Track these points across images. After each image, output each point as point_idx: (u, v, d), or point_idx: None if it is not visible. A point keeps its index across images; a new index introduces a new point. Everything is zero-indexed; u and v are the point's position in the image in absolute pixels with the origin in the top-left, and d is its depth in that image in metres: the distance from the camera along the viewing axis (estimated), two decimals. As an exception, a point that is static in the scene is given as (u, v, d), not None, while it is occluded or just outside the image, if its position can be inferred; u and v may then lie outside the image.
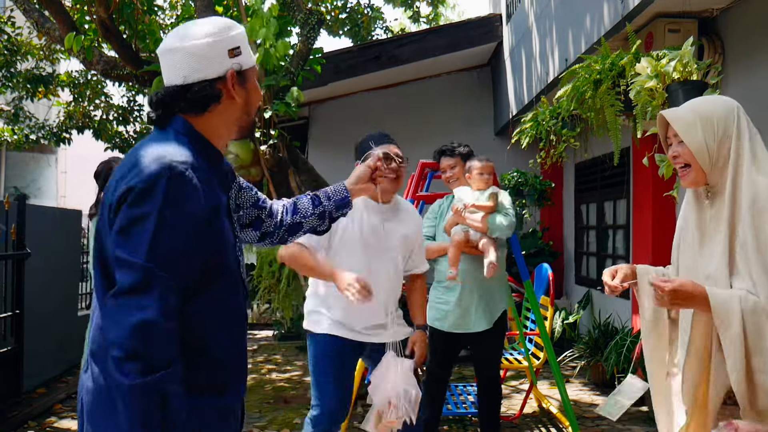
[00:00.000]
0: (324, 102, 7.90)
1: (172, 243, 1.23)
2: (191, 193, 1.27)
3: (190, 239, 1.27)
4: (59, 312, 5.43)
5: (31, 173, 12.52)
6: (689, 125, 1.68)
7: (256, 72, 1.50)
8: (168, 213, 1.23)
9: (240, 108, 1.44)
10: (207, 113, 1.40)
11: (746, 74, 3.80)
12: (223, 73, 1.39)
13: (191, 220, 1.27)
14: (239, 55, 1.41)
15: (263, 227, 1.70)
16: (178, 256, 1.24)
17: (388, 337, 2.62)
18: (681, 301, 1.61)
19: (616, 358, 4.54)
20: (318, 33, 4.86)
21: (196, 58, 1.36)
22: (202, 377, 1.33)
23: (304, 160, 5.33)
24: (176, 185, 1.25)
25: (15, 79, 7.66)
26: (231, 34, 1.41)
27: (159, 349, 1.18)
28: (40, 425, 4.27)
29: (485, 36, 7.51)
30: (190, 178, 1.27)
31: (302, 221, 1.74)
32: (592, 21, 4.48)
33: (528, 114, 3.97)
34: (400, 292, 2.79)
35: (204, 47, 1.36)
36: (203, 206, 1.30)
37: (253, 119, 1.53)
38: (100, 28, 4.92)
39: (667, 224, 4.78)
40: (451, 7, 16.17)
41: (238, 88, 1.42)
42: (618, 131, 2.86)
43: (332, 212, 1.77)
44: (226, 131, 1.46)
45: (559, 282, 7.25)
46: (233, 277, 1.41)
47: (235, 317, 1.42)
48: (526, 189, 5.72)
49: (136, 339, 1.16)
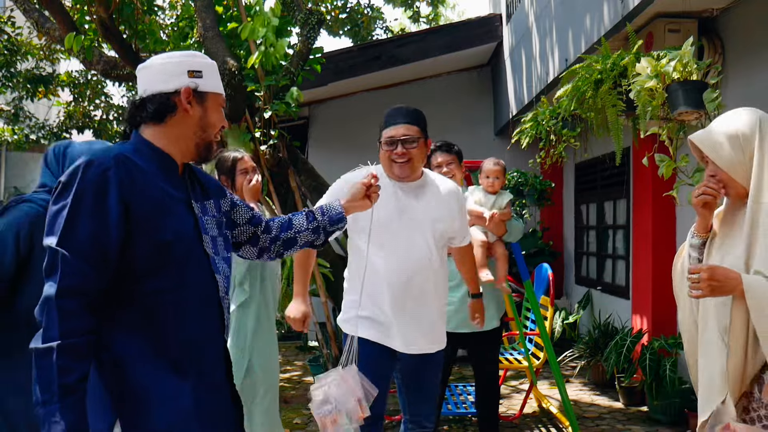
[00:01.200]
0: (324, 102, 7.89)
1: (84, 229, 1.39)
2: (108, 187, 1.42)
3: (104, 227, 1.41)
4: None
5: (31, 173, 12.51)
6: (716, 145, 1.75)
7: (219, 100, 1.64)
8: (82, 204, 1.40)
9: (195, 123, 1.59)
10: (165, 124, 1.57)
11: (746, 74, 3.80)
12: (179, 88, 1.55)
13: (106, 211, 1.41)
14: (199, 77, 1.58)
15: (259, 243, 1.85)
16: (90, 242, 1.39)
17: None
18: (716, 283, 1.66)
19: (616, 358, 4.54)
20: (318, 33, 4.86)
21: (156, 74, 1.57)
22: (150, 350, 1.48)
23: (304, 160, 5.33)
24: (92, 179, 1.41)
25: (15, 79, 7.67)
26: (196, 60, 1.60)
27: (53, 323, 1.34)
28: (40, 425, 4.27)
29: (485, 36, 7.51)
30: (109, 174, 1.43)
31: (296, 236, 1.86)
32: (592, 21, 4.48)
33: (528, 114, 3.96)
34: (446, 281, 2.60)
35: (165, 65, 1.57)
36: (131, 199, 1.44)
37: (211, 142, 1.64)
38: (100, 28, 4.92)
39: (667, 224, 4.78)
40: (451, 7, 16.19)
41: (195, 104, 1.57)
42: (619, 131, 2.86)
43: (326, 227, 1.88)
44: (184, 144, 1.60)
45: (559, 282, 7.25)
46: (187, 267, 1.53)
47: (190, 305, 1.53)
48: (526, 189, 5.71)
49: (39, 311, 1.36)
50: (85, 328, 1.38)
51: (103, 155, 1.46)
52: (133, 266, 1.46)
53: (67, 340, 1.34)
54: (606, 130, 2.95)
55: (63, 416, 1.31)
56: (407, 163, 2.40)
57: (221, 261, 1.65)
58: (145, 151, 1.55)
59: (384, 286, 2.41)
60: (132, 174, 1.47)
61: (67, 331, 1.34)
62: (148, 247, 1.47)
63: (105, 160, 1.45)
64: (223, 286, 1.64)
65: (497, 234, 3.38)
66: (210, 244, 1.62)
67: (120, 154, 1.49)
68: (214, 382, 1.60)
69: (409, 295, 2.42)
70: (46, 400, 1.32)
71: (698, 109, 2.47)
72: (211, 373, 1.59)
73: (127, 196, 1.44)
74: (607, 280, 6.13)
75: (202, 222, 1.62)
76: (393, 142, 2.38)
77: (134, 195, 1.45)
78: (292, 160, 5.01)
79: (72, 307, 1.36)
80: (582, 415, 4.49)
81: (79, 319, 1.37)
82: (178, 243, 1.52)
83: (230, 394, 1.67)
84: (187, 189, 1.62)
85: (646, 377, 4.28)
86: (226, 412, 1.65)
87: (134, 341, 1.47)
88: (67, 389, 1.33)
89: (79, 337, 1.36)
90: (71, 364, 1.34)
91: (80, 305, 1.37)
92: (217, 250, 1.65)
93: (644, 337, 4.69)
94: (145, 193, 1.48)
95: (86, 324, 1.38)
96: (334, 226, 1.90)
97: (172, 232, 1.51)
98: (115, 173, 1.43)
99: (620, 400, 4.79)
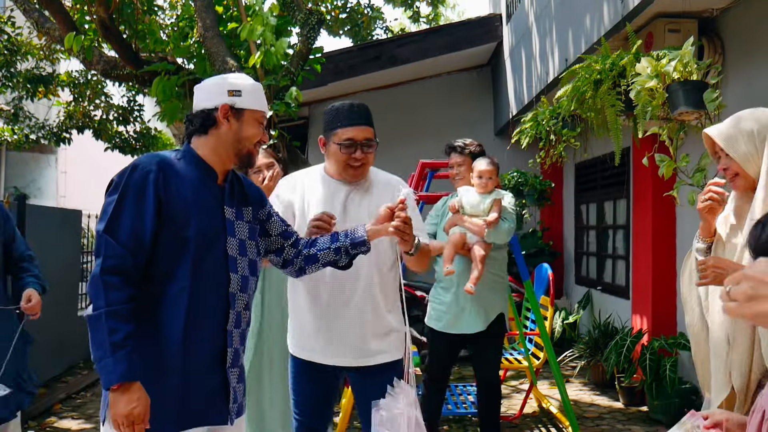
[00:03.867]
0: (324, 102, 7.89)
1: (125, 221, 1.68)
2: (147, 187, 1.69)
3: (141, 220, 1.68)
4: (59, 312, 5.43)
5: (31, 173, 12.51)
6: (731, 139, 1.84)
7: (257, 116, 1.86)
8: (126, 200, 1.69)
9: (233, 135, 1.83)
10: (208, 136, 1.84)
11: (746, 74, 3.80)
12: (219, 104, 1.81)
13: (143, 207, 1.69)
14: (238, 96, 1.83)
15: (284, 254, 2.05)
16: (129, 231, 1.67)
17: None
18: (722, 270, 1.73)
19: (616, 358, 4.54)
20: (318, 33, 4.85)
21: (203, 93, 1.86)
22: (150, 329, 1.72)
23: (304, 160, 5.33)
24: (136, 181, 1.70)
25: (15, 79, 7.65)
26: (237, 81, 1.85)
27: (97, 295, 1.63)
28: (40, 425, 4.27)
29: (485, 36, 7.51)
30: (150, 176, 1.70)
31: (317, 253, 2.02)
32: (592, 21, 4.48)
33: (528, 114, 3.97)
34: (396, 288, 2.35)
35: (210, 86, 1.86)
36: (165, 198, 1.71)
37: (250, 153, 1.88)
38: (100, 28, 4.92)
39: (667, 224, 4.78)
40: (451, 7, 16.18)
41: (232, 119, 1.82)
42: (619, 131, 2.86)
43: (348, 249, 2.02)
44: (224, 153, 1.85)
45: (559, 282, 7.25)
46: (203, 262, 1.75)
47: (198, 295, 1.74)
48: (526, 189, 5.71)
49: (89, 286, 1.67)
50: (125, 298, 1.65)
51: (149, 160, 1.75)
52: (157, 253, 1.71)
53: (111, 307, 1.62)
54: (606, 130, 2.95)
55: (116, 366, 1.59)
56: (362, 167, 2.26)
57: (245, 262, 1.86)
58: (189, 159, 1.82)
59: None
60: (169, 177, 1.74)
61: (111, 301, 1.62)
62: (172, 238, 1.72)
63: (148, 164, 1.73)
64: (239, 285, 1.83)
65: (477, 235, 3.23)
66: (236, 246, 1.84)
67: (163, 159, 1.77)
68: (206, 363, 1.78)
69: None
70: (101, 356, 1.60)
71: (698, 109, 2.47)
72: (204, 353, 1.77)
73: (162, 195, 1.71)
74: (607, 280, 6.13)
75: (231, 225, 1.85)
76: (353, 145, 2.21)
77: (168, 194, 1.72)
78: (292, 160, 5.00)
79: (114, 282, 1.64)
80: (582, 415, 4.49)
81: (120, 291, 1.64)
82: (198, 240, 1.74)
83: (222, 382, 1.82)
84: (222, 194, 1.85)
85: (646, 377, 4.29)
86: (216, 397, 1.81)
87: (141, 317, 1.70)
88: (116, 345, 1.59)
89: (121, 305, 1.63)
90: (117, 326, 1.61)
91: (120, 281, 1.65)
92: (244, 252, 1.87)
93: (644, 337, 4.69)
94: (177, 194, 1.74)
95: (126, 295, 1.65)
96: (357, 249, 2.02)
97: (195, 230, 1.74)
98: (154, 176, 1.71)
99: (620, 400, 4.79)
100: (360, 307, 2.23)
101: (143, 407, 1.62)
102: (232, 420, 1.85)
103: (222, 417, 1.82)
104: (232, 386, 1.84)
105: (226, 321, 1.80)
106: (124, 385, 1.60)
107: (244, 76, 1.91)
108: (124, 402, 1.60)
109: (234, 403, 1.85)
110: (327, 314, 2.24)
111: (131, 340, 1.63)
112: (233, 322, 1.82)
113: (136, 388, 1.62)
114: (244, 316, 1.88)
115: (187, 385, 1.74)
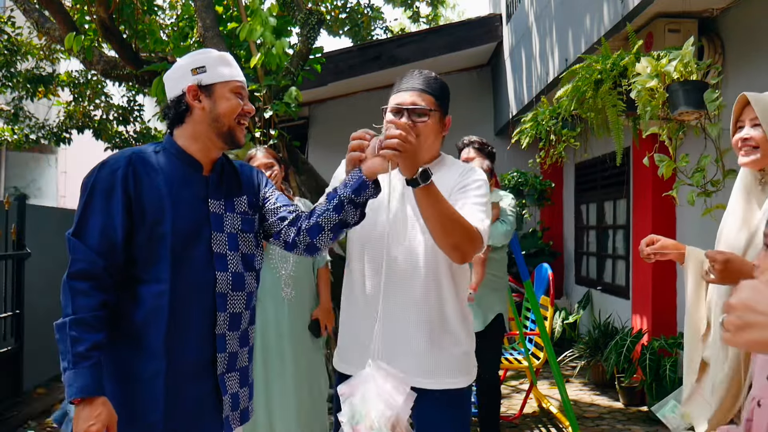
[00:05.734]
0: (324, 102, 7.89)
1: (94, 223, 1.57)
2: (115, 184, 1.58)
3: (111, 220, 1.57)
4: (59, 312, 5.41)
5: (31, 173, 12.51)
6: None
7: (229, 87, 1.68)
8: (94, 201, 1.59)
9: (208, 115, 1.66)
10: (185, 123, 1.69)
11: (746, 74, 3.80)
12: (185, 87, 1.66)
13: (112, 207, 1.57)
14: (203, 72, 1.66)
15: (282, 236, 1.78)
16: (98, 234, 1.56)
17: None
18: (729, 274, 1.69)
19: (616, 358, 4.54)
20: (318, 33, 4.85)
21: (169, 81, 1.71)
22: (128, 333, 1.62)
23: (304, 160, 5.32)
24: (103, 178, 1.59)
25: (15, 79, 7.65)
26: (198, 57, 1.69)
27: (68, 301, 1.56)
28: (40, 425, 4.27)
29: (485, 36, 7.51)
30: (118, 173, 1.59)
31: (318, 220, 1.69)
32: (592, 21, 4.48)
33: (528, 114, 3.96)
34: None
35: (173, 72, 1.70)
36: (135, 195, 1.59)
37: (231, 129, 1.69)
38: (100, 28, 4.91)
39: (667, 224, 4.78)
40: (451, 7, 16.19)
41: (203, 98, 1.66)
42: (620, 131, 2.86)
43: (353, 198, 1.64)
44: (205, 138, 1.68)
45: (559, 282, 7.24)
46: (183, 260, 1.62)
47: (178, 296, 1.60)
48: (526, 189, 5.72)
49: (61, 292, 1.58)
50: (94, 305, 1.55)
51: (118, 156, 1.63)
52: (133, 253, 1.60)
53: (77, 315, 1.53)
54: (606, 130, 2.95)
55: (76, 380, 1.50)
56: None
57: (236, 258, 1.70)
58: (169, 151, 1.68)
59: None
60: (140, 172, 1.61)
61: (78, 308, 1.53)
62: (147, 238, 1.59)
63: (117, 161, 1.61)
64: (229, 284, 1.68)
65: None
66: (224, 242, 1.69)
67: (135, 154, 1.64)
68: (192, 370, 1.64)
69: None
70: (65, 366, 1.52)
71: (699, 109, 2.47)
72: (189, 360, 1.64)
73: (131, 192, 1.59)
74: (607, 280, 6.13)
75: (218, 219, 1.69)
76: (399, 110, 1.86)
77: (139, 190, 1.59)
78: (292, 160, 5.00)
79: (82, 287, 1.55)
80: (582, 415, 4.49)
81: (88, 297, 1.54)
82: (175, 237, 1.60)
83: (213, 389, 1.68)
84: (207, 187, 1.69)
85: (646, 377, 4.28)
86: (206, 406, 1.67)
87: (120, 324, 1.62)
88: (79, 356, 1.50)
89: (89, 312, 1.54)
90: (82, 335, 1.52)
91: (89, 286, 1.55)
92: (235, 247, 1.71)
93: (644, 337, 4.69)
94: (150, 189, 1.61)
95: (95, 302, 1.55)
96: (361, 195, 1.64)
97: (171, 226, 1.60)
98: (122, 172, 1.59)
99: (620, 400, 4.79)
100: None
101: (102, 424, 1.49)
102: (230, 428, 1.72)
103: (214, 426, 1.68)
104: (229, 393, 1.70)
105: (214, 324, 1.65)
106: (86, 400, 1.49)
107: (206, 50, 1.73)
108: (83, 418, 1.49)
109: (233, 410, 1.72)
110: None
111: (98, 351, 1.52)
112: (226, 325, 1.67)
113: (99, 403, 1.50)
114: (244, 316, 1.73)
115: (172, 395, 1.60)
